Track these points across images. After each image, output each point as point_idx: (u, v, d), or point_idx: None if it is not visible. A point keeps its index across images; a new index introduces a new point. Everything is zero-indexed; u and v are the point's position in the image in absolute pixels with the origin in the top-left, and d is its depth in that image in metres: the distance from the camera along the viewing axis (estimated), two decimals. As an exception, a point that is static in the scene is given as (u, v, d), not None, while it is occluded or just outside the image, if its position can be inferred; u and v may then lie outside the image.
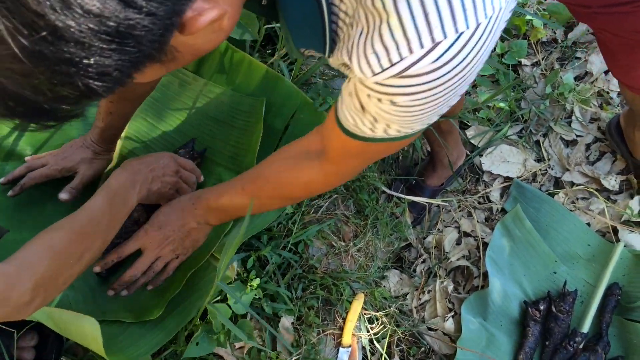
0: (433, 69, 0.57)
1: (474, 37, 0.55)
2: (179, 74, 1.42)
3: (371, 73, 0.58)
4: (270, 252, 1.29)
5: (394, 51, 0.55)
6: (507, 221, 1.70)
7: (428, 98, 0.61)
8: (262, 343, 1.24)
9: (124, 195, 1.01)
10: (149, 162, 1.09)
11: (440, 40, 0.54)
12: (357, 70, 0.59)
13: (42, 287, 0.81)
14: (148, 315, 1.08)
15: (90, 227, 0.91)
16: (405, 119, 0.67)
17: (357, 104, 0.69)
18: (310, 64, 1.49)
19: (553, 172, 1.90)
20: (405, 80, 0.58)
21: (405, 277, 1.60)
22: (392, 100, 0.62)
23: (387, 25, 0.54)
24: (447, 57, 0.56)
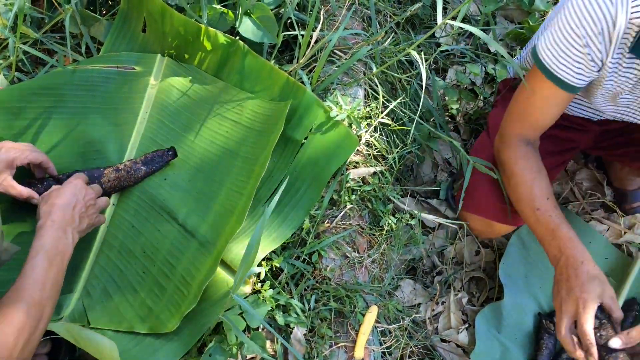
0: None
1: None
2: (197, 75, 1.41)
3: None
4: (283, 262, 1.28)
5: None
6: (522, 233, 1.68)
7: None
8: (274, 354, 1.23)
9: (61, 249, 1.01)
10: (69, 202, 1.08)
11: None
12: None
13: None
14: (163, 328, 1.08)
15: (40, 295, 0.93)
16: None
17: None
18: (330, 72, 1.48)
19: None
20: None
21: (419, 287, 1.58)
22: None
23: None
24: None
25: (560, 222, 1.24)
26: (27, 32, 1.39)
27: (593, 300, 1.10)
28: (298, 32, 1.44)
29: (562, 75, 1.18)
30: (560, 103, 1.27)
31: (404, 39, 1.72)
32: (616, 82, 1.20)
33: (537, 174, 1.30)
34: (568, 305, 1.13)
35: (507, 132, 1.36)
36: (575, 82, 1.19)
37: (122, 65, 1.39)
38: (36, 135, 1.27)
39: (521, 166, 1.32)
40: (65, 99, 1.32)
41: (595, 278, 1.14)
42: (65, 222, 1.04)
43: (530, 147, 1.33)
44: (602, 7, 1.05)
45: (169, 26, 1.40)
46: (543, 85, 1.23)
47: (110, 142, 1.32)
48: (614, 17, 1.05)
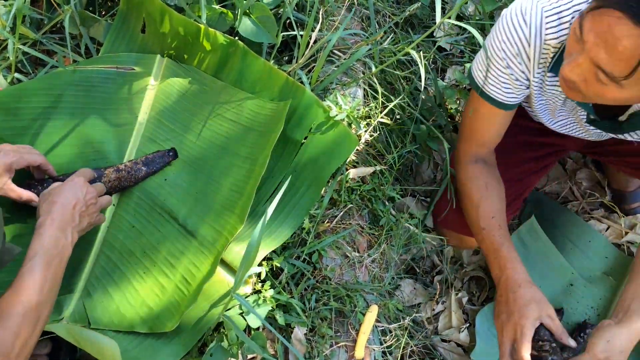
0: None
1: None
2: (197, 75, 1.41)
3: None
4: (283, 262, 1.28)
5: None
6: (522, 233, 1.68)
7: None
8: (275, 354, 1.23)
9: (60, 249, 1.00)
10: (69, 200, 1.06)
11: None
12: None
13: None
14: (163, 328, 1.08)
15: (37, 297, 0.92)
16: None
17: None
18: (329, 72, 1.48)
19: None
20: None
21: (420, 287, 1.59)
22: None
23: None
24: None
25: (502, 242, 1.29)
26: (26, 33, 1.39)
27: (531, 325, 1.14)
28: (297, 32, 1.44)
29: (493, 94, 1.23)
30: (500, 120, 1.31)
31: (403, 38, 1.73)
32: (544, 98, 1.24)
33: (484, 193, 1.34)
34: (508, 330, 1.17)
35: (458, 152, 1.42)
36: (507, 100, 1.24)
37: (121, 66, 1.39)
38: (36, 136, 1.27)
39: (468, 187, 1.37)
40: (65, 99, 1.32)
41: (531, 302, 1.17)
42: (65, 221, 1.03)
43: (479, 165, 1.37)
44: (517, 29, 1.10)
45: (168, 27, 1.40)
46: (480, 104, 1.27)
47: (110, 143, 1.32)
48: (528, 37, 1.10)
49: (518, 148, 1.51)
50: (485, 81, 1.22)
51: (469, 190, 1.37)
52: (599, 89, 0.95)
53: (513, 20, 1.10)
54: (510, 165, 1.48)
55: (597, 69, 0.91)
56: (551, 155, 1.59)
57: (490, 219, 1.32)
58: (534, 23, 1.08)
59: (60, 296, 1.16)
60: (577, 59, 0.94)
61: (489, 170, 1.38)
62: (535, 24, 1.08)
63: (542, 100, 1.26)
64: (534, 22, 1.08)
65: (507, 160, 1.45)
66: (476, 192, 1.35)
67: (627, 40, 0.84)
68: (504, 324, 1.19)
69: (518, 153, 1.51)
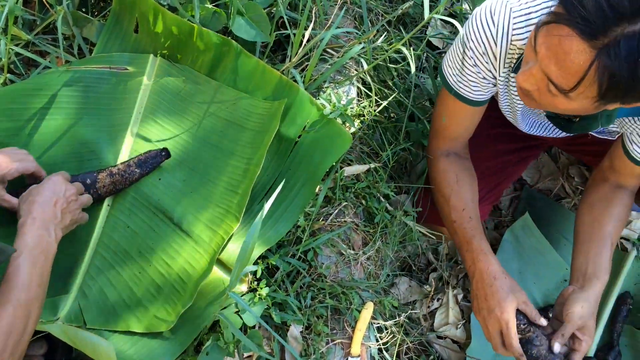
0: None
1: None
2: (190, 75, 1.41)
3: None
4: (279, 260, 1.28)
5: None
6: (516, 229, 1.69)
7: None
8: (271, 352, 1.23)
9: (44, 247, 1.00)
10: (49, 198, 1.06)
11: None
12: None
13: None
14: (159, 327, 1.08)
15: (26, 295, 0.92)
16: None
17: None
18: (322, 70, 1.48)
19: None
20: None
21: (415, 285, 1.59)
22: None
23: None
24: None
25: (473, 234, 1.31)
26: (18, 33, 1.38)
27: (513, 316, 1.19)
28: (290, 30, 1.45)
29: (462, 91, 1.26)
30: (470, 116, 1.34)
31: (396, 37, 1.73)
32: (509, 98, 1.27)
33: (454, 186, 1.36)
34: (493, 324, 1.22)
35: (430, 147, 1.44)
36: (475, 97, 1.26)
37: (114, 66, 1.39)
38: (29, 137, 1.26)
39: (439, 181, 1.39)
40: (59, 100, 1.31)
41: (509, 293, 1.22)
42: (47, 219, 1.03)
43: (451, 157, 1.40)
44: (485, 28, 1.13)
45: (161, 26, 1.40)
46: (449, 100, 1.30)
47: (104, 143, 1.32)
48: (494, 37, 1.12)
49: (494, 140, 1.53)
50: (454, 78, 1.24)
51: (439, 184, 1.39)
52: (550, 99, 0.99)
53: (482, 20, 1.13)
54: (485, 157, 1.50)
55: (548, 80, 0.94)
56: (530, 148, 1.61)
57: (461, 212, 1.34)
58: (501, 23, 1.10)
59: (55, 297, 1.16)
60: (531, 69, 0.97)
61: (460, 162, 1.40)
62: (502, 24, 1.10)
63: (506, 99, 1.28)
64: (502, 22, 1.10)
65: (481, 152, 1.47)
66: (446, 185, 1.37)
67: (575, 56, 0.87)
68: (486, 319, 1.23)
69: (493, 145, 1.54)
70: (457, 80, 1.24)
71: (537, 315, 1.21)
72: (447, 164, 1.38)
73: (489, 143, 1.49)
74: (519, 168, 1.61)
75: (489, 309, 1.22)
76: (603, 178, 1.38)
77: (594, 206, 1.35)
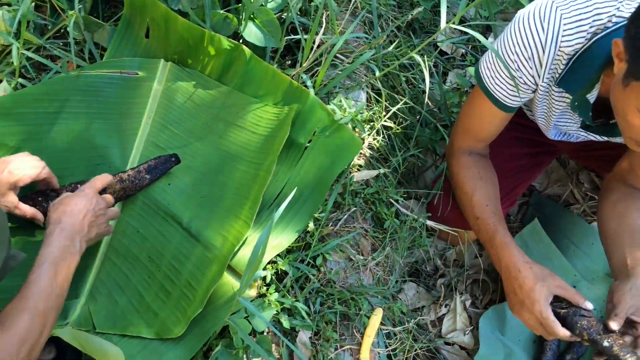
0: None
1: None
2: (201, 80, 1.42)
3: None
4: (288, 266, 1.28)
5: None
6: (525, 235, 1.68)
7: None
8: (279, 357, 1.23)
9: (68, 258, 1.00)
10: (79, 210, 1.07)
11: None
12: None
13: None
14: (169, 333, 1.08)
15: (44, 304, 0.92)
16: None
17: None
18: (332, 76, 1.48)
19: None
20: None
21: (422, 291, 1.59)
22: None
23: None
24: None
25: (496, 229, 1.29)
26: (30, 38, 1.39)
27: (545, 306, 1.16)
28: (301, 36, 1.45)
29: (498, 95, 1.23)
30: (499, 120, 1.32)
31: (405, 42, 1.73)
32: (547, 106, 1.25)
33: (478, 182, 1.35)
34: (529, 318, 1.19)
35: (453, 144, 1.42)
36: (510, 102, 1.24)
37: (125, 71, 1.40)
38: (40, 142, 1.27)
39: (462, 176, 1.37)
40: (69, 104, 1.32)
41: (535, 283, 1.19)
42: (74, 231, 1.04)
43: (473, 156, 1.39)
44: (534, 33, 1.09)
45: (172, 31, 1.40)
46: (482, 101, 1.27)
47: (114, 147, 1.33)
48: (543, 43, 1.09)
49: (510, 143, 1.52)
50: (492, 81, 1.21)
51: (462, 180, 1.37)
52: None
53: (530, 24, 1.08)
54: (502, 160, 1.49)
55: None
56: (544, 154, 1.60)
57: (485, 207, 1.32)
58: (551, 30, 1.07)
59: (66, 301, 1.16)
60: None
61: (483, 160, 1.39)
62: (553, 31, 1.07)
63: (544, 108, 1.26)
64: (552, 29, 1.06)
65: (498, 154, 1.46)
66: (469, 181, 1.35)
67: None
68: (520, 314, 1.21)
69: (510, 148, 1.53)
70: (495, 84, 1.21)
71: (577, 296, 1.16)
72: (470, 161, 1.37)
73: (506, 145, 1.48)
74: (533, 173, 1.60)
75: (520, 303, 1.20)
76: (620, 180, 1.36)
77: (617, 204, 1.33)
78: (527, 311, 1.19)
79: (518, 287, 1.20)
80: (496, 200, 1.34)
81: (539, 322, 1.17)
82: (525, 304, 1.18)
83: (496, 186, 1.37)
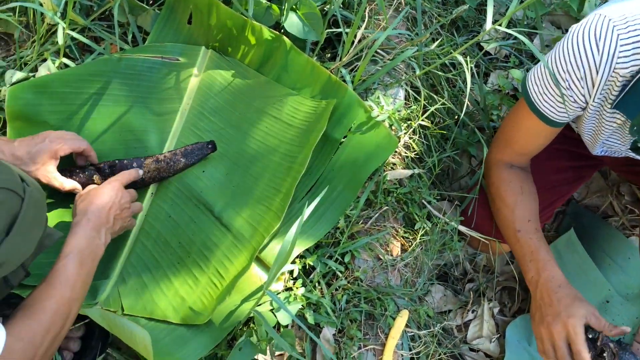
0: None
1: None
2: (240, 69, 1.42)
3: None
4: (316, 261, 1.27)
5: None
6: (559, 245, 1.64)
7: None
8: (302, 352, 1.23)
9: (93, 249, 1.02)
10: (105, 202, 1.08)
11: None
12: None
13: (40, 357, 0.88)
14: (195, 320, 1.09)
15: (70, 294, 0.93)
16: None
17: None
18: (372, 71, 1.46)
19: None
20: None
21: (450, 294, 1.56)
22: None
23: None
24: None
25: (539, 245, 1.28)
26: (76, 19, 1.41)
27: (580, 322, 1.14)
28: (343, 29, 1.43)
29: (545, 110, 1.19)
30: (543, 135, 1.29)
31: (448, 40, 1.70)
32: (596, 126, 1.20)
33: (519, 197, 1.33)
34: (559, 331, 1.17)
35: (493, 156, 1.39)
36: (557, 118, 1.20)
37: (166, 56, 1.40)
38: (82, 122, 1.29)
39: (503, 189, 1.35)
40: (111, 86, 1.33)
41: (575, 299, 1.18)
42: (100, 223, 1.05)
43: (515, 169, 1.36)
44: (588, 54, 1.04)
45: (214, 19, 1.40)
46: (528, 116, 1.24)
47: (152, 132, 1.34)
48: (597, 64, 1.04)
49: (553, 156, 1.48)
50: (540, 96, 1.18)
51: (503, 192, 1.35)
52: None
53: (585, 43, 1.04)
54: (543, 173, 1.45)
55: None
56: (587, 167, 1.56)
57: (527, 222, 1.31)
58: (607, 50, 1.02)
59: (95, 281, 1.18)
60: None
61: (524, 174, 1.37)
62: (608, 52, 1.02)
63: (592, 126, 1.22)
64: (608, 50, 1.02)
65: (540, 167, 1.43)
66: (511, 194, 1.33)
67: None
68: (551, 325, 1.19)
69: (552, 161, 1.49)
70: (543, 100, 1.18)
71: (610, 327, 1.14)
72: (511, 174, 1.35)
73: (549, 158, 1.45)
74: (573, 187, 1.56)
75: (554, 314, 1.18)
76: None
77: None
78: (560, 324, 1.16)
79: (556, 300, 1.19)
80: (536, 217, 1.33)
81: (567, 338, 1.16)
82: (560, 315, 1.16)
83: (537, 201, 1.35)
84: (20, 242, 0.81)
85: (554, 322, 1.18)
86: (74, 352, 1.12)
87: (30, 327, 0.87)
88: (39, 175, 1.11)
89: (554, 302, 1.19)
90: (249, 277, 1.20)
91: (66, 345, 1.12)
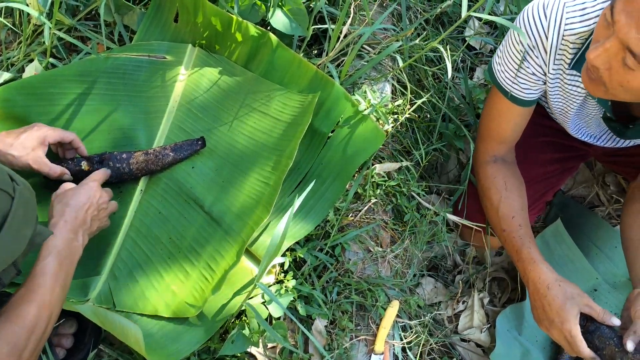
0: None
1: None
2: (227, 66, 1.43)
3: None
4: (306, 254, 1.28)
5: None
6: (547, 235, 1.66)
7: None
8: (295, 344, 1.24)
9: (72, 251, 1.01)
10: (83, 203, 1.07)
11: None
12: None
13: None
14: (186, 313, 1.09)
15: (50, 297, 0.93)
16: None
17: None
18: (358, 66, 1.48)
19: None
20: None
21: (440, 286, 1.58)
22: None
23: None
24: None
25: (522, 243, 1.28)
26: (62, 19, 1.41)
27: (574, 324, 1.15)
28: (329, 25, 1.45)
29: (511, 89, 1.23)
30: (518, 117, 1.30)
31: (433, 35, 1.72)
32: (562, 96, 1.23)
33: (503, 193, 1.33)
34: (556, 335, 1.19)
35: (477, 152, 1.41)
36: (524, 96, 1.23)
37: (153, 54, 1.41)
38: (69, 122, 1.29)
39: (487, 187, 1.36)
40: (98, 86, 1.34)
41: (565, 301, 1.17)
42: (78, 224, 1.04)
43: (498, 163, 1.37)
44: (537, 21, 1.11)
45: (201, 16, 1.41)
46: (499, 100, 1.27)
47: (140, 130, 1.34)
48: (545, 30, 1.10)
49: (540, 148, 1.50)
50: (504, 75, 1.22)
51: (487, 190, 1.36)
52: (623, 76, 0.95)
53: (533, 13, 1.11)
54: (531, 166, 1.47)
55: (626, 51, 0.91)
56: (574, 158, 1.58)
57: (511, 220, 1.31)
58: (553, 16, 1.09)
59: (86, 278, 1.18)
60: (604, 43, 0.93)
61: (508, 168, 1.37)
62: (554, 18, 1.09)
63: (559, 98, 1.25)
64: (554, 16, 1.09)
65: (528, 160, 1.45)
66: (495, 193, 1.34)
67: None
68: (549, 330, 1.21)
69: (540, 153, 1.51)
70: (506, 77, 1.22)
71: (606, 315, 1.15)
72: (494, 170, 1.35)
73: (534, 151, 1.47)
74: (561, 179, 1.58)
75: (549, 320, 1.19)
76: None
77: (639, 214, 1.32)
78: (556, 329, 1.18)
79: (547, 305, 1.19)
80: (522, 211, 1.32)
81: (567, 340, 1.17)
82: (554, 322, 1.17)
83: (523, 195, 1.35)
84: (11, 240, 0.81)
85: (551, 328, 1.19)
86: (67, 349, 1.12)
87: (13, 331, 0.87)
88: (29, 159, 1.11)
89: (545, 306, 1.19)
90: (241, 271, 1.21)
91: (59, 341, 1.12)
